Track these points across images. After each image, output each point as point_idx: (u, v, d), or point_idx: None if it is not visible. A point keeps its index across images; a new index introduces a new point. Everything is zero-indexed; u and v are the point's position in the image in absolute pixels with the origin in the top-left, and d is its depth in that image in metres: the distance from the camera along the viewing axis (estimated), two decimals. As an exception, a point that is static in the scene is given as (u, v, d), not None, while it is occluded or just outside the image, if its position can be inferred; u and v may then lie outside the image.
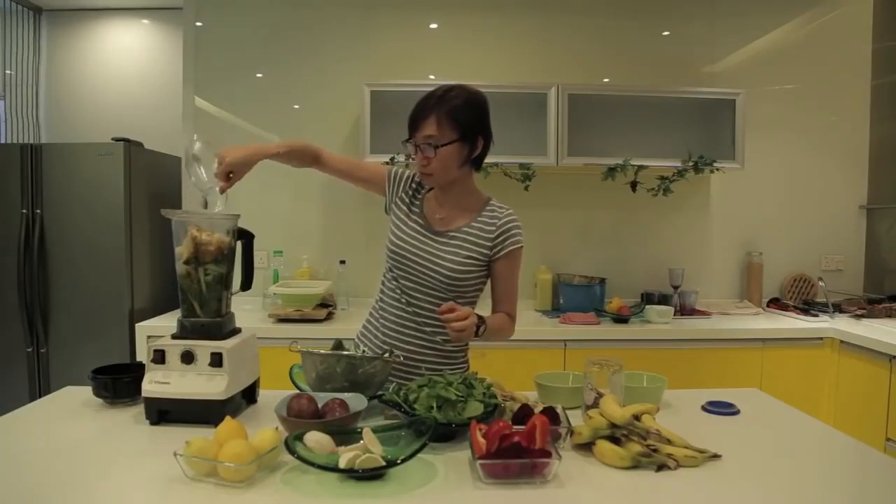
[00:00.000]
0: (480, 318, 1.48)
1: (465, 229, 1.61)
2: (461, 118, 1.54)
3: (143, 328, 2.70)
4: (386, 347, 1.61)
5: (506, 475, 1.07)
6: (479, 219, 1.62)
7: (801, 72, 3.34)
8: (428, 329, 1.61)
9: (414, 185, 1.71)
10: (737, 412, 1.48)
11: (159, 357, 1.37)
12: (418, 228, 1.63)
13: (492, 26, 3.26)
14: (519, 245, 1.62)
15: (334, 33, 3.22)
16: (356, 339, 1.76)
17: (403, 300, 1.63)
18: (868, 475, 1.18)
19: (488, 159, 2.88)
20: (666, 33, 3.32)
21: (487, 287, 1.68)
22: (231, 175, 1.50)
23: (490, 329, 1.52)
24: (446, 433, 1.24)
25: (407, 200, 1.69)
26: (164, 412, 1.36)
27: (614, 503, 1.04)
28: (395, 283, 1.65)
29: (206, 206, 1.50)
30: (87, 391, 1.52)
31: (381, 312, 1.69)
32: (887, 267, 3.28)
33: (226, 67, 3.22)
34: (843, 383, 2.66)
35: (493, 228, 1.60)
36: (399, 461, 1.06)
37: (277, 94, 3.25)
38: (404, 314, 1.63)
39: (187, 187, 3.24)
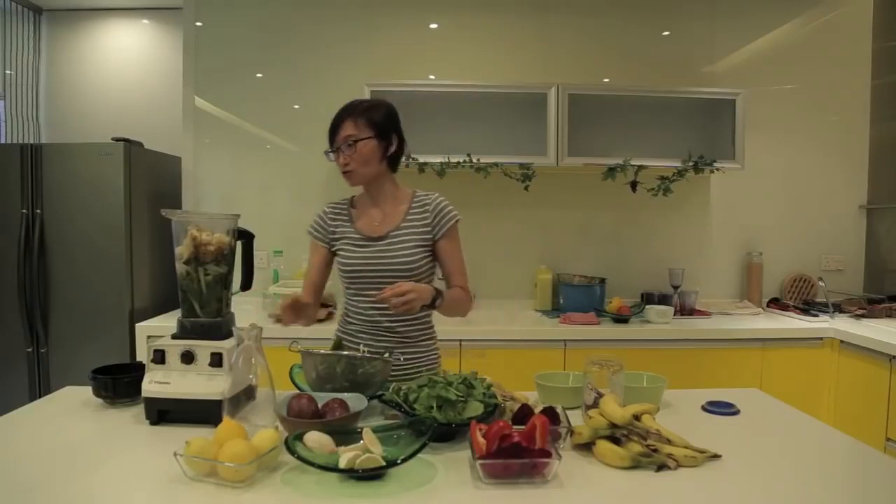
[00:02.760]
0: (437, 290, 1.61)
1: (403, 225, 1.72)
2: (374, 119, 1.69)
3: (143, 328, 2.70)
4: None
5: (506, 475, 1.07)
6: (412, 211, 1.74)
7: (801, 72, 3.34)
8: (396, 326, 1.71)
9: (332, 216, 1.79)
10: (737, 412, 1.48)
11: (159, 357, 1.37)
12: (361, 242, 1.71)
13: (492, 26, 3.26)
14: (455, 220, 1.74)
15: (334, 33, 3.22)
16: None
17: (369, 309, 1.71)
18: (868, 475, 1.18)
19: (488, 159, 2.94)
20: (666, 33, 3.32)
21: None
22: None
23: (447, 300, 1.64)
24: (446, 433, 1.24)
25: (339, 230, 1.76)
26: (164, 412, 1.36)
27: (614, 503, 1.04)
28: (358, 297, 1.73)
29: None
30: (87, 391, 1.52)
31: (349, 327, 1.77)
32: (887, 267, 3.28)
33: (226, 67, 3.22)
34: (843, 383, 2.66)
35: (428, 214, 1.73)
36: (399, 461, 1.06)
37: (277, 94, 3.24)
38: (371, 322, 1.71)
39: (187, 187, 3.25)
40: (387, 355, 1.52)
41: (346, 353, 1.48)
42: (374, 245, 1.69)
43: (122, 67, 3.63)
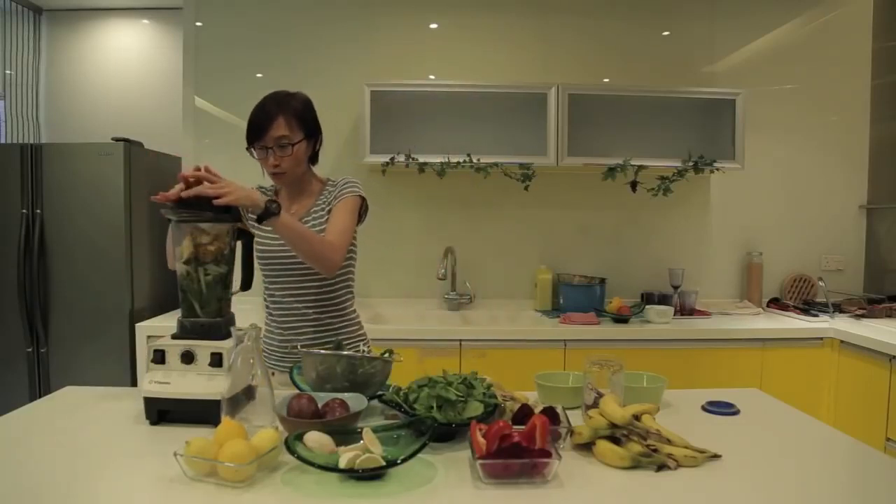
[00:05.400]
0: (277, 203, 1.49)
1: (313, 210, 1.75)
2: (305, 118, 1.71)
3: (143, 328, 2.70)
4: (290, 347, 1.70)
5: (506, 475, 1.07)
6: (321, 197, 1.77)
7: (801, 72, 3.34)
8: (311, 313, 1.75)
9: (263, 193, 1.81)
10: (737, 412, 1.48)
11: (159, 357, 1.37)
12: None
13: (492, 26, 3.26)
14: (353, 194, 1.72)
15: (334, 33, 3.22)
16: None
17: (286, 297, 1.75)
18: (868, 475, 1.18)
19: (488, 159, 2.94)
20: (666, 33, 3.32)
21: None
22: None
23: (294, 227, 1.54)
24: (446, 433, 1.24)
25: None
26: (164, 412, 1.36)
27: (614, 503, 1.04)
28: (274, 285, 1.76)
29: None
30: (87, 391, 1.52)
31: (274, 318, 1.79)
32: (887, 267, 3.28)
33: (226, 67, 3.22)
34: (843, 383, 2.66)
35: (332, 193, 1.75)
36: (399, 461, 1.06)
37: (277, 94, 3.24)
38: (287, 309, 1.75)
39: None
40: (387, 355, 1.52)
41: (346, 353, 1.48)
42: None
43: (122, 67, 3.63)
